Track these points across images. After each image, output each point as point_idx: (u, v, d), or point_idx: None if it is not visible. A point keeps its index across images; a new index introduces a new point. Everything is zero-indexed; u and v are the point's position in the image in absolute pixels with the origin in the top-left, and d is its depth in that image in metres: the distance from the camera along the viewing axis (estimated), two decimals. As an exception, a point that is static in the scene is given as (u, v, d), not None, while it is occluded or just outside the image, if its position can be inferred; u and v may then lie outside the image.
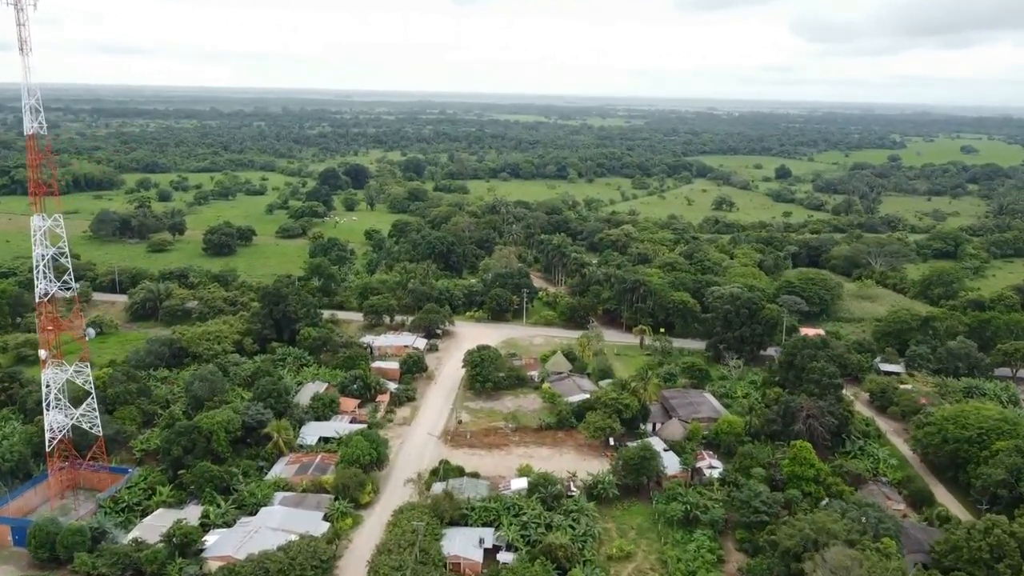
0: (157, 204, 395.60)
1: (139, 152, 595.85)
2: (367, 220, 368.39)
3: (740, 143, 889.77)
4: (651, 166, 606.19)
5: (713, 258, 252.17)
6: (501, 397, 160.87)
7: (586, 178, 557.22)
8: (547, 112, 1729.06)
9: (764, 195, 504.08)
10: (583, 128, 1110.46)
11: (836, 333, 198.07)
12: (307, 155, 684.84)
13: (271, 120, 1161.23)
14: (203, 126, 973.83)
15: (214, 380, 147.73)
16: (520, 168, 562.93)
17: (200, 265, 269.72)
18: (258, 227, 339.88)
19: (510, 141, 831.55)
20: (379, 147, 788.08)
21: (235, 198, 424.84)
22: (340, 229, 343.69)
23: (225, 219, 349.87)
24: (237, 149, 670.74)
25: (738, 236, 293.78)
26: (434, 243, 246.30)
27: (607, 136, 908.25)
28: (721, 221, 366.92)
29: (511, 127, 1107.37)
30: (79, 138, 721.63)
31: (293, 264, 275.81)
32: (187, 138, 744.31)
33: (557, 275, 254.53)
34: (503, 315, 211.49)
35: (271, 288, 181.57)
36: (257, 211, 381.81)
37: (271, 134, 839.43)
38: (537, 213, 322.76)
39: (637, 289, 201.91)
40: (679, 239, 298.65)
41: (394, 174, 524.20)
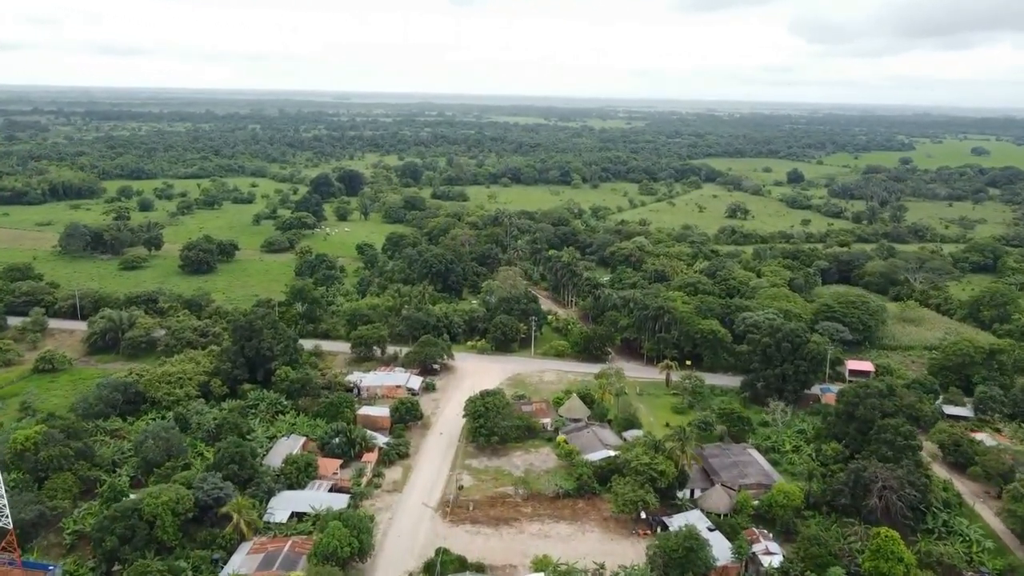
0: (137, 214, 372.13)
1: (125, 157, 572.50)
2: (360, 231, 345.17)
3: (746, 145, 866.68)
4: (657, 170, 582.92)
5: (739, 277, 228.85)
6: (509, 452, 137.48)
7: (591, 183, 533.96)
8: (547, 114, 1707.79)
9: (778, 201, 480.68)
10: (584, 130, 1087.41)
11: (887, 367, 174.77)
12: (301, 159, 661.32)
13: (267, 123, 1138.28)
14: (196, 129, 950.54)
15: (170, 438, 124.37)
16: (522, 173, 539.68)
17: (175, 285, 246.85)
18: (243, 239, 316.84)
19: (510, 144, 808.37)
20: (375, 151, 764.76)
21: (221, 207, 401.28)
22: (331, 242, 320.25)
23: (206, 232, 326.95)
24: (228, 154, 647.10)
25: (763, 251, 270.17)
26: (431, 262, 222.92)
27: (609, 139, 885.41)
28: (738, 231, 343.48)
29: (511, 129, 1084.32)
30: (66, 142, 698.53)
31: (277, 283, 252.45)
32: (177, 142, 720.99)
33: (567, 295, 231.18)
34: (508, 345, 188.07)
35: (243, 321, 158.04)
36: (243, 221, 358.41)
37: (264, 138, 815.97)
38: (543, 225, 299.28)
39: (660, 317, 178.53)
40: (697, 253, 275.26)
41: (390, 180, 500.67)
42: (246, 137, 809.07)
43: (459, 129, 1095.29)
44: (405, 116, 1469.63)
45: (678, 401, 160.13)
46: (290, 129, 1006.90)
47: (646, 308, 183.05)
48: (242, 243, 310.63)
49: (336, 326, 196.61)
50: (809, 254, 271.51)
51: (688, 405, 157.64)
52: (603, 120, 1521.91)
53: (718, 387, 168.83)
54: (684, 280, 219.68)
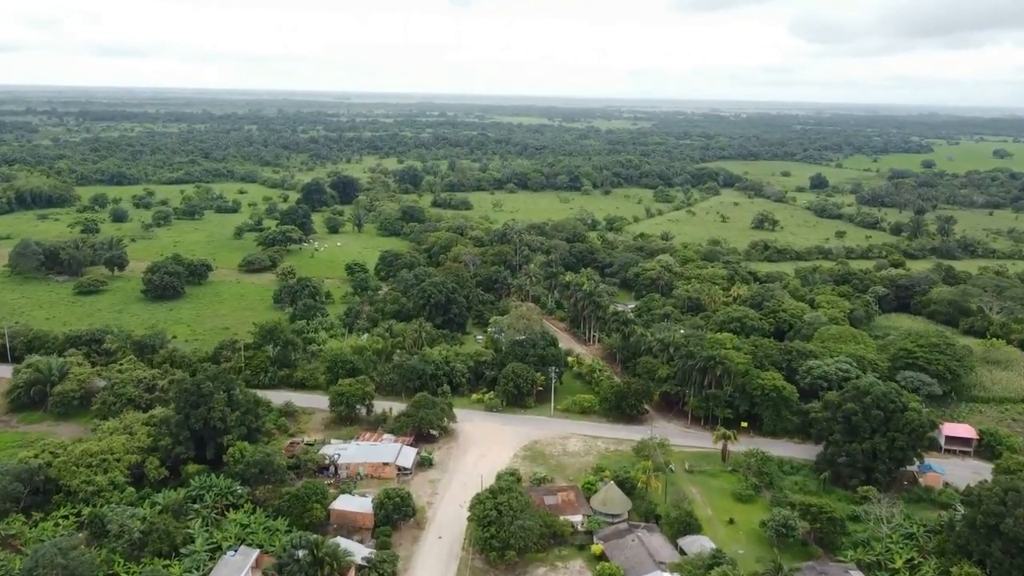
0: (109, 225, 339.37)
1: (108, 161, 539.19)
2: (353, 246, 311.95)
3: (760, 148, 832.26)
4: (672, 175, 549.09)
5: (789, 308, 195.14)
6: (528, 568, 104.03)
7: (602, 189, 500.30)
8: (550, 114, 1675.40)
9: (804, 209, 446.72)
10: (590, 131, 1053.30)
11: (994, 434, 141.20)
12: (295, 163, 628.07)
13: (264, 123, 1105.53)
14: (190, 130, 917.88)
15: (71, 563, 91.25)
16: (528, 178, 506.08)
17: (134, 314, 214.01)
18: (221, 256, 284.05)
19: (515, 146, 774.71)
20: (374, 153, 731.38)
21: (202, 217, 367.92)
22: (319, 259, 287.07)
23: (181, 247, 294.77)
24: (218, 157, 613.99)
25: (808, 273, 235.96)
26: (429, 291, 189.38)
27: (618, 140, 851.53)
28: (771, 246, 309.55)
29: (514, 130, 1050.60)
30: (50, 144, 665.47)
31: (253, 311, 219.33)
32: (167, 144, 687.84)
33: (588, 329, 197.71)
34: (522, 399, 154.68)
35: (189, 383, 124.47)
36: (224, 234, 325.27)
37: (259, 139, 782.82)
38: (556, 242, 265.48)
39: (711, 368, 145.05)
40: (733, 275, 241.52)
41: (387, 186, 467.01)
42: (239, 139, 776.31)
43: (461, 130, 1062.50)
44: (406, 116, 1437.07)
45: (739, 483, 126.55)
46: (287, 130, 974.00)
47: (691, 356, 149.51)
48: (219, 261, 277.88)
49: (315, 373, 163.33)
50: (862, 277, 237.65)
51: (753, 489, 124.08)
52: (607, 120, 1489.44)
53: (786, 461, 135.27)
54: (728, 314, 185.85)
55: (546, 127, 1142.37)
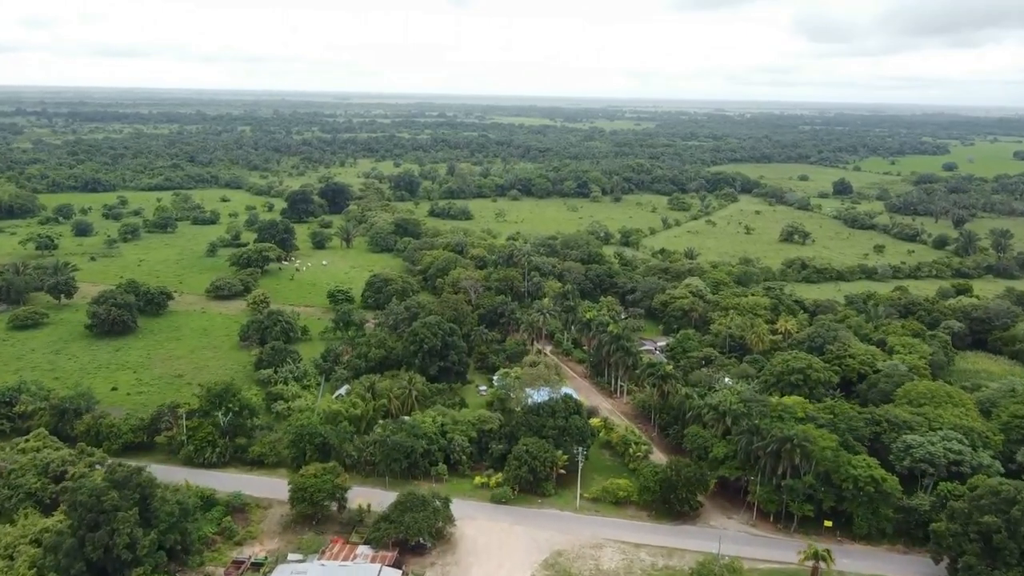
0: (71, 240, 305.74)
1: (85, 166, 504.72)
2: (340, 264, 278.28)
3: (772, 149, 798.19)
4: (686, 180, 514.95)
5: (859, 353, 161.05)
6: None
7: (612, 196, 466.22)
8: (552, 114, 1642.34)
9: (832, 218, 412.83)
10: (595, 132, 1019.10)
11: None
12: (286, 166, 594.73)
13: (258, 124, 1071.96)
14: (181, 132, 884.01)
15: None
16: (533, 184, 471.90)
17: (74, 355, 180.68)
18: (189, 278, 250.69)
19: (517, 148, 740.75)
20: (370, 156, 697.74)
21: (175, 230, 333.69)
22: (300, 282, 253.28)
23: (142, 269, 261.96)
24: (204, 160, 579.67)
25: (874, 309, 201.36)
26: (422, 336, 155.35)
27: (624, 142, 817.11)
28: (810, 265, 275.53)
29: (516, 131, 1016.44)
30: (29, 147, 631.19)
31: (215, 351, 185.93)
32: (152, 147, 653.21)
33: (614, 379, 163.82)
34: (539, 486, 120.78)
35: (85, 494, 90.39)
36: (197, 251, 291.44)
37: (249, 142, 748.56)
38: (570, 264, 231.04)
39: (789, 452, 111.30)
40: (776, 303, 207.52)
41: (382, 193, 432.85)
42: (229, 141, 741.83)
43: (461, 131, 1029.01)
44: (404, 117, 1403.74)
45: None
46: (281, 132, 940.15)
47: (758, 433, 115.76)
48: (187, 284, 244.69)
49: (277, 447, 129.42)
50: (928, 308, 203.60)
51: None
52: (610, 120, 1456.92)
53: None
54: (786, 363, 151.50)
55: (549, 128, 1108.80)
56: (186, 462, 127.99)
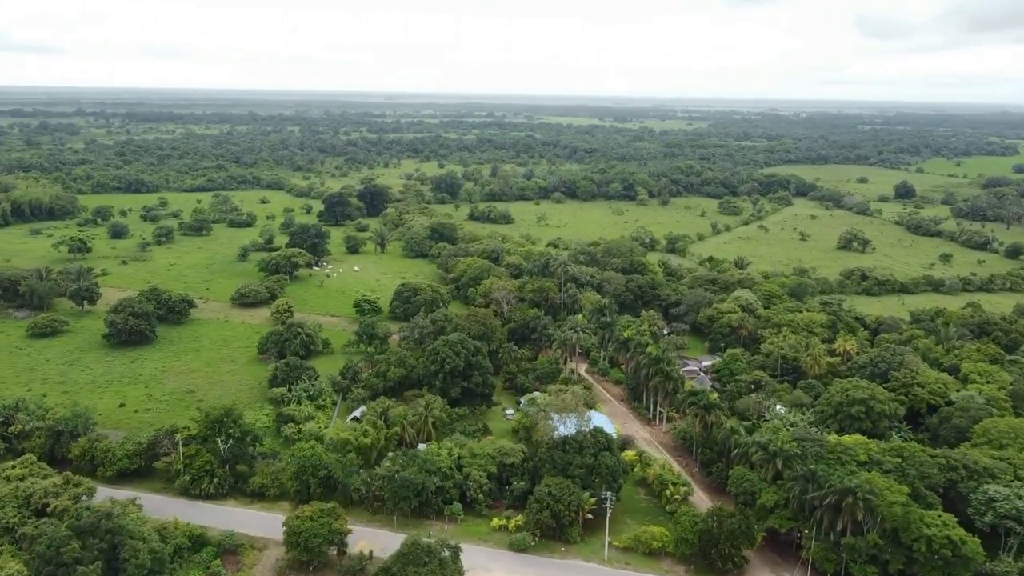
0: (105, 243, 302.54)
1: (129, 167, 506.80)
2: (371, 271, 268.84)
3: (829, 150, 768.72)
4: (737, 183, 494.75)
5: (928, 382, 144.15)
6: None
7: (659, 199, 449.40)
8: (601, 114, 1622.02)
9: (895, 224, 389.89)
10: (644, 133, 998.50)
11: None
12: (329, 167, 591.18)
13: (307, 125, 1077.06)
14: (230, 132, 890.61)
15: None
16: (577, 186, 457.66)
17: (88, 367, 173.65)
18: (217, 284, 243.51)
19: (563, 149, 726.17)
20: (414, 157, 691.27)
21: (210, 232, 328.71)
22: (328, 289, 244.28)
23: (171, 273, 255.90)
24: (249, 161, 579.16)
25: (944, 328, 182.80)
26: (444, 355, 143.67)
27: (674, 143, 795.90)
28: (870, 276, 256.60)
29: (563, 131, 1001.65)
30: (83, 148, 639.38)
31: (233, 364, 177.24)
32: (200, 147, 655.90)
33: (653, 404, 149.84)
34: (563, 532, 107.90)
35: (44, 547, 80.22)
36: (228, 255, 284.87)
37: (295, 142, 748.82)
38: (610, 274, 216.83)
39: (850, 505, 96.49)
40: (835, 321, 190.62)
41: (421, 196, 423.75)
42: (275, 142, 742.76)
43: (508, 131, 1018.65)
44: (452, 117, 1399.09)
45: None
46: (329, 132, 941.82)
47: (814, 482, 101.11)
48: (213, 290, 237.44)
49: (280, 478, 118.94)
50: (1006, 328, 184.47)
51: None
52: (661, 120, 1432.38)
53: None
54: (846, 393, 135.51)
55: (597, 128, 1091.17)
56: (182, 493, 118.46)
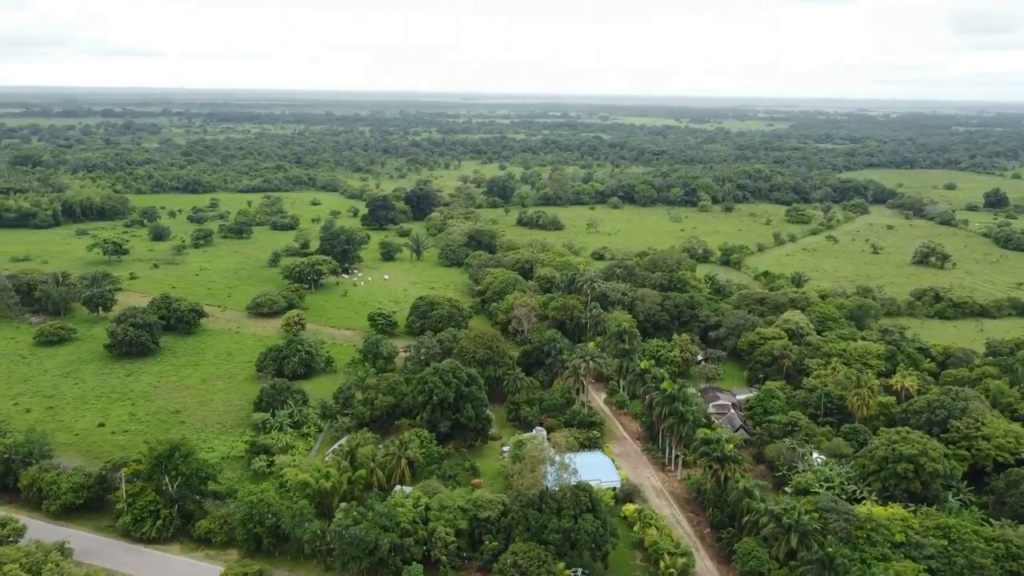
0: (145, 244, 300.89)
1: (190, 167, 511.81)
2: (401, 280, 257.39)
3: (917, 154, 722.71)
4: (809, 188, 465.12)
5: (996, 433, 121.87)
6: None
7: (723, 205, 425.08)
8: (678, 115, 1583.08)
9: (981, 236, 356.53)
10: (718, 134, 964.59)
11: None
12: (389, 168, 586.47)
13: (378, 125, 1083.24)
14: (300, 132, 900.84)
15: None
16: (636, 191, 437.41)
17: (82, 380, 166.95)
18: (241, 291, 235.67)
19: (630, 151, 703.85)
20: (477, 158, 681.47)
21: (250, 235, 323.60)
22: (352, 299, 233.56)
23: (200, 278, 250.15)
24: (310, 162, 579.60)
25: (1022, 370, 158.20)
26: (432, 385, 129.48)
27: (748, 145, 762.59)
28: (945, 297, 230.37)
29: (634, 132, 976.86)
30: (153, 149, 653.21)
31: (230, 381, 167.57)
32: (265, 147, 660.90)
33: (668, 447, 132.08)
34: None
35: None
36: (263, 258, 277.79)
37: (361, 142, 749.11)
38: (645, 291, 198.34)
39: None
40: (895, 352, 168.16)
41: (472, 199, 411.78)
42: (341, 142, 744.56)
43: (579, 132, 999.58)
44: (525, 118, 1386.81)
45: None
46: (399, 132, 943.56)
47: (831, 567, 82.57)
48: (235, 297, 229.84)
49: (230, 523, 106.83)
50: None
51: None
52: (740, 121, 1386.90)
53: None
54: (894, 447, 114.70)
55: (670, 129, 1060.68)
56: (123, 534, 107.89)
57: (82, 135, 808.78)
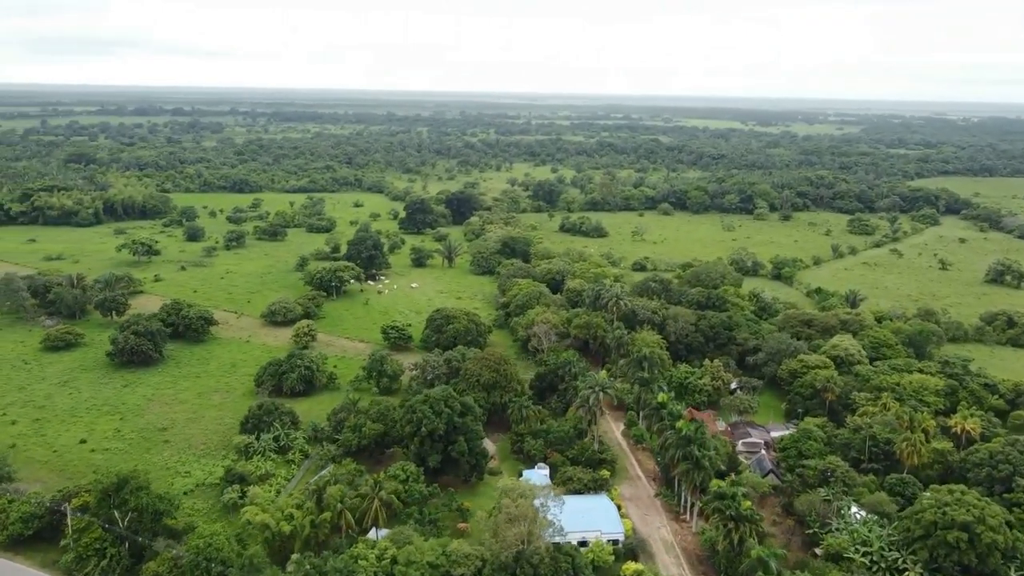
0: (179, 244, 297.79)
1: (242, 167, 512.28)
2: (429, 288, 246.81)
3: (997, 161, 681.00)
4: (875, 197, 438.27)
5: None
6: None
7: (781, 213, 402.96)
8: (744, 117, 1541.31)
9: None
10: (783, 138, 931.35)
11: None
12: (439, 170, 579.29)
13: (437, 126, 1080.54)
14: (358, 133, 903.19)
15: None
16: (688, 197, 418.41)
17: (77, 389, 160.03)
18: (262, 296, 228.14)
19: (688, 155, 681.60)
20: (530, 160, 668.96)
21: (284, 238, 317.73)
22: (373, 308, 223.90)
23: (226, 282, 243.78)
24: (361, 162, 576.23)
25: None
26: (420, 415, 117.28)
27: (813, 150, 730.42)
28: (1020, 322, 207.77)
29: (696, 135, 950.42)
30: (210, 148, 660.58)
31: (228, 396, 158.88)
32: (319, 147, 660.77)
33: (683, 494, 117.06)
34: None
35: None
36: (288, 263, 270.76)
37: (414, 143, 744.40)
38: (677, 310, 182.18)
39: None
40: (956, 388, 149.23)
41: (516, 203, 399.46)
42: (395, 143, 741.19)
43: (639, 134, 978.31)
44: (585, 119, 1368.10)
45: None
46: (457, 133, 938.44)
47: None
48: (255, 303, 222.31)
49: (180, 566, 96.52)
50: None
51: None
52: (809, 124, 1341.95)
53: None
54: (945, 510, 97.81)
55: (734, 132, 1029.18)
56: (66, 573, 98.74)
57: (148, 133, 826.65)
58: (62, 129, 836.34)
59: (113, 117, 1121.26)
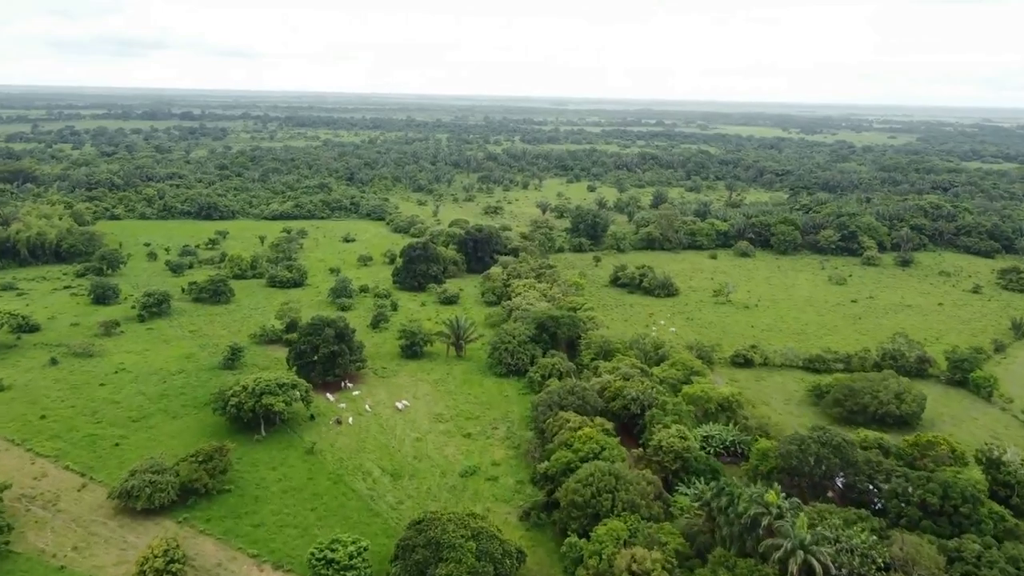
0: (74, 309, 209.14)
1: (209, 189, 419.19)
2: (424, 407, 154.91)
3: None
4: (1013, 234, 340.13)
5: None
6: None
7: (898, 256, 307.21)
8: (783, 123, 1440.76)
9: None
10: (843, 148, 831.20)
11: None
12: (456, 187, 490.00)
13: (457, 132, 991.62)
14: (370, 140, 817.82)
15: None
16: (772, 232, 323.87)
17: None
18: (141, 434, 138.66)
19: (746, 170, 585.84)
20: (563, 175, 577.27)
21: (231, 299, 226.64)
22: (318, 461, 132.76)
23: (58, 411, 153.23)
24: (365, 178, 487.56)
25: None
26: None
27: (892, 165, 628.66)
28: None
29: (742, 145, 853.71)
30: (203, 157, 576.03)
31: None
32: (320, 159, 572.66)
33: None
34: None
35: None
36: (222, 346, 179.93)
37: (429, 154, 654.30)
38: (916, 544, 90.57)
39: None
40: None
41: (551, 240, 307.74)
42: (407, 153, 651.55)
43: (678, 142, 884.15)
44: (616, 126, 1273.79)
45: None
46: (478, 141, 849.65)
47: None
48: (124, 452, 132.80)
49: None
50: None
51: None
52: (856, 132, 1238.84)
53: None
54: None
55: (783, 142, 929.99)
56: None
57: (143, 140, 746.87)
58: (52, 135, 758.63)
59: (117, 121, 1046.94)
